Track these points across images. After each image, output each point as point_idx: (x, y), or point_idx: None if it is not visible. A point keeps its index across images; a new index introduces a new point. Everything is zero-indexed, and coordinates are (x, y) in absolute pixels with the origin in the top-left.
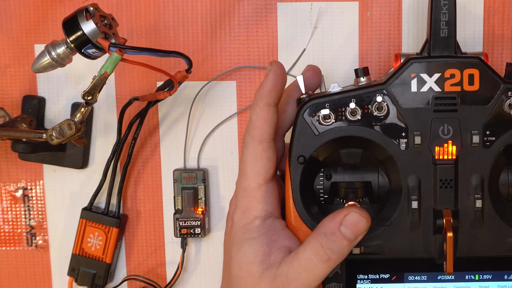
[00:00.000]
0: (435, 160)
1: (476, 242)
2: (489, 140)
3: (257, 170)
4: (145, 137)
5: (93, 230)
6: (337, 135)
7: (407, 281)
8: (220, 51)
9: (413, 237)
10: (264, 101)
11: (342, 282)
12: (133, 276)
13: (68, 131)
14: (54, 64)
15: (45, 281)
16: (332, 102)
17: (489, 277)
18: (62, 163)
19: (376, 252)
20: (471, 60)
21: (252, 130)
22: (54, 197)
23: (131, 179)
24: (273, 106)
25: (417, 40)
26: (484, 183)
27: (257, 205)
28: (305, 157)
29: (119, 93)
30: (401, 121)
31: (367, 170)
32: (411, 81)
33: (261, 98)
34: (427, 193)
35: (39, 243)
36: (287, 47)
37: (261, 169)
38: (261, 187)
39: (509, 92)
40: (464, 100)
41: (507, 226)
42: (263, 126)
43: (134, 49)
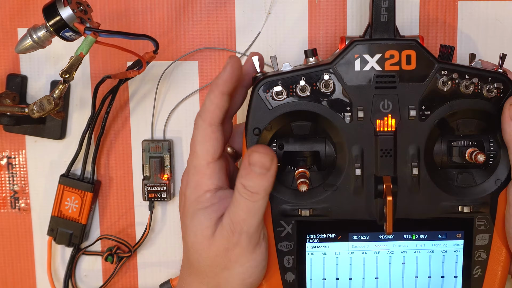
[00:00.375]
0: (376, 132)
1: (413, 205)
2: (425, 114)
3: (206, 149)
4: (116, 111)
5: (70, 195)
6: (288, 109)
7: (351, 240)
8: (183, 34)
9: (356, 201)
10: (219, 89)
11: (293, 241)
12: (106, 235)
13: (47, 105)
14: (35, 46)
15: (27, 240)
16: (284, 80)
17: (424, 236)
18: (42, 135)
19: (324, 214)
20: (408, 42)
21: (204, 113)
22: (35, 165)
23: (104, 148)
24: (226, 94)
25: (360, 24)
26: (420, 153)
27: (207, 181)
28: (259, 129)
29: (93, 72)
30: (346, 97)
31: (315, 141)
32: (355, 61)
33: (217, 87)
34: (369, 162)
35: (22, 206)
36: (244, 31)
37: (210, 148)
38: (210, 165)
39: (443, 71)
40: (402, 78)
41: (440, 191)
42: (215, 111)
43: (106, 32)
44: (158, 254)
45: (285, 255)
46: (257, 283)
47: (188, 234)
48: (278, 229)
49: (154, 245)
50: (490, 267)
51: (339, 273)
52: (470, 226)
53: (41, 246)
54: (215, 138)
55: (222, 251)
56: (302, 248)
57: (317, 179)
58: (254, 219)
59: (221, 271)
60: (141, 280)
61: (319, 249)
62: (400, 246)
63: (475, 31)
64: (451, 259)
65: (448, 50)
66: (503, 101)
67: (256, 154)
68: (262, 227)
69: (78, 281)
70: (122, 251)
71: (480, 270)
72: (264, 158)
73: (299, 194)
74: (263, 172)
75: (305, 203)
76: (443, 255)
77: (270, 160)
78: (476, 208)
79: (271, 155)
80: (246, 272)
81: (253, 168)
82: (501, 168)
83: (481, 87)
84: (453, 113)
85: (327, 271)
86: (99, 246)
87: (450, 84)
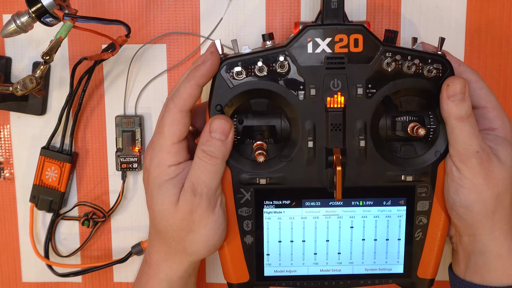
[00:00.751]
0: (327, 108)
1: (360, 174)
2: (371, 92)
3: (173, 132)
4: (92, 90)
5: (50, 165)
6: (247, 87)
7: (304, 206)
8: (153, 20)
9: (309, 171)
10: (196, 81)
11: (252, 207)
12: (82, 202)
13: (30, 84)
14: (18, 30)
15: (11, 207)
16: (243, 61)
17: (371, 203)
18: (25, 111)
19: (279, 182)
20: (356, 27)
21: (177, 99)
22: (19, 138)
23: (81, 123)
24: (200, 86)
25: (312, 10)
26: (366, 127)
27: (171, 158)
28: (221, 105)
29: (71, 54)
30: (299, 76)
31: (272, 116)
32: (308, 44)
33: (194, 78)
34: (320, 135)
35: (6, 176)
36: (207, 17)
37: (177, 131)
38: (174, 145)
39: (387, 53)
40: (350, 60)
41: (385, 162)
42: (187, 99)
43: (83, 18)
44: (130, 219)
45: (244, 219)
46: (218, 245)
47: (155, 203)
48: (238, 196)
49: (126, 211)
50: (430, 230)
51: (294, 236)
52: (412, 193)
53: (24, 212)
54: (183, 123)
55: (187, 214)
56: (260, 213)
57: (274, 151)
58: (213, 181)
59: (186, 234)
60: (115, 243)
61: (275, 214)
62: (349, 212)
63: (417, 17)
64: (395, 224)
65: (392, 34)
66: (441, 81)
67: (217, 121)
68: (220, 193)
69: (57, 244)
70: (97, 216)
71: (421, 234)
72: (224, 125)
73: (257, 164)
74: (222, 138)
75: (262, 173)
76: (387, 219)
77: (229, 126)
78: (417, 177)
79: (230, 122)
80: (209, 234)
81: (213, 134)
82: (440, 141)
83: (422, 68)
84: (396, 91)
85: (283, 234)
86: (76, 212)
87: (394, 65)
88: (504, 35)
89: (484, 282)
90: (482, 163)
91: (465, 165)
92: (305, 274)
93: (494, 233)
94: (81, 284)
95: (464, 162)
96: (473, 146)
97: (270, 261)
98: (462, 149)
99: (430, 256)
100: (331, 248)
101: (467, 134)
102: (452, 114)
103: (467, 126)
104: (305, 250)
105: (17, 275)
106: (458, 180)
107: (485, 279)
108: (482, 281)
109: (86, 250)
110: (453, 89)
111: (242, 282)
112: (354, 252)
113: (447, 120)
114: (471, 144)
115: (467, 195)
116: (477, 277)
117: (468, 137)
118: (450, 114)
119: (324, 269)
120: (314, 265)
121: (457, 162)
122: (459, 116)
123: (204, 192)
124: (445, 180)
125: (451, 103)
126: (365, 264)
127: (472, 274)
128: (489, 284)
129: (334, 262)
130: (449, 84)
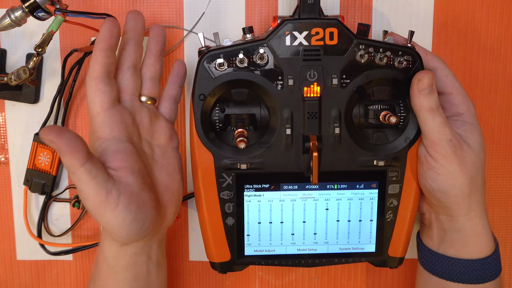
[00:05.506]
0: (304, 97)
1: (335, 160)
2: (345, 82)
3: (92, 101)
4: (82, 80)
5: (43, 150)
6: (229, 78)
7: (282, 189)
8: None
9: (287, 156)
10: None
11: (233, 190)
12: (73, 185)
13: (23, 75)
14: (13, 24)
15: (6, 190)
16: (225, 53)
17: (345, 186)
18: (19, 99)
19: (259, 167)
20: (331, 21)
21: (89, 70)
22: (13, 125)
23: (72, 111)
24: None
25: (290, 5)
26: (341, 115)
27: (98, 129)
28: (204, 95)
29: (62, 46)
30: (278, 67)
31: (252, 105)
32: (286, 37)
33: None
34: (298, 123)
35: (1, 160)
36: (190, 11)
37: (96, 99)
38: (99, 115)
39: (360, 46)
40: (326, 52)
41: (358, 148)
42: (94, 67)
43: (74, 12)
44: None
45: (226, 202)
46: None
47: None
48: (220, 180)
49: None
50: (401, 212)
51: (272, 218)
52: (384, 177)
53: (18, 194)
54: (99, 89)
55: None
56: (240, 196)
57: (254, 138)
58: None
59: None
60: None
61: (255, 197)
62: (324, 195)
63: (388, 11)
64: (367, 206)
65: (365, 28)
66: (411, 73)
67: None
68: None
69: (50, 224)
70: None
71: (392, 215)
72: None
73: (238, 150)
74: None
75: (243, 158)
76: (360, 202)
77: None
78: (388, 162)
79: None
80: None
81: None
82: (410, 128)
83: (393, 59)
84: (369, 82)
85: (262, 216)
86: (67, 194)
87: (366, 56)
88: (469, 28)
89: (457, 256)
90: (455, 150)
91: (440, 154)
92: (283, 254)
93: (470, 214)
94: (72, 262)
95: (439, 151)
96: (446, 135)
97: (250, 241)
98: (436, 139)
99: (400, 236)
100: (307, 229)
101: (439, 124)
102: (423, 106)
103: (438, 116)
104: (283, 231)
105: (12, 253)
106: (434, 169)
107: (459, 253)
108: (455, 255)
109: (76, 230)
110: (422, 83)
111: (224, 261)
112: (329, 233)
113: (418, 113)
114: (444, 133)
115: (444, 181)
116: (452, 251)
117: (441, 127)
118: (422, 107)
119: (301, 248)
120: (291, 245)
121: (432, 152)
122: (430, 108)
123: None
124: (420, 169)
125: (422, 97)
126: (340, 244)
127: (447, 248)
128: (462, 257)
129: (310, 242)
130: (420, 79)
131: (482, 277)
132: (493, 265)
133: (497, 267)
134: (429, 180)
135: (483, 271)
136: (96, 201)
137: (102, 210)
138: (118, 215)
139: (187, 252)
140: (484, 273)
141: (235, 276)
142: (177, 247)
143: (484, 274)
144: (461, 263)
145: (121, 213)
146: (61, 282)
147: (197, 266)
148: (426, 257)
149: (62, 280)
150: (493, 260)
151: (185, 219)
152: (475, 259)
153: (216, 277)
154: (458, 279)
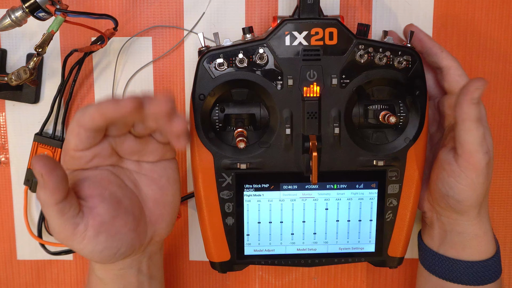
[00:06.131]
0: (304, 97)
1: (335, 159)
2: (345, 82)
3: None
4: (82, 80)
5: (43, 150)
6: (229, 78)
7: (282, 189)
8: (139, 14)
9: (287, 156)
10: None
11: (233, 190)
12: None
13: (24, 75)
14: (13, 24)
15: (7, 189)
16: (225, 53)
17: (344, 186)
18: (20, 99)
19: (259, 167)
20: (331, 21)
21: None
22: (14, 125)
23: (72, 111)
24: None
25: (289, 5)
26: (341, 115)
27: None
28: (204, 95)
29: (62, 46)
30: (277, 67)
31: (252, 105)
32: (285, 37)
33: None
34: (297, 123)
35: (2, 160)
36: (190, 11)
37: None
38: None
39: (360, 46)
40: (325, 52)
41: (358, 148)
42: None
43: (74, 12)
44: None
45: (225, 202)
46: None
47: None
48: (220, 180)
49: None
50: (400, 212)
51: (272, 218)
52: (383, 177)
53: (19, 194)
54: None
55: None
56: (240, 196)
57: (253, 138)
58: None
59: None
60: None
61: (255, 197)
62: (324, 195)
63: (387, 11)
64: (367, 205)
65: (364, 28)
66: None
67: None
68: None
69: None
70: None
71: (392, 215)
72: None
73: (238, 150)
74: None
75: (243, 158)
76: (360, 202)
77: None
78: (388, 162)
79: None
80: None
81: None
82: (409, 128)
83: (393, 59)
84: (369, 82)
85: (262, 216)
86: None
87: (366, 56)
88: (469, 28)
89: (457, 257)
90: (489, 161)
91: (472, 165)
92: (282, 253)
93: (475, 219)
94: (72, 261)
95: (472, 162)
96: (484, 147)
97: (250, 241)
98: (473, 150)
99: (399, 236)
100: (307, 229)
101: (482, 135)
102: (472, 116)
103: (481, 127)
104: (283, 231)
105: (12, 253)
106: (457, 178)
107: (460, 255)
108: (455, 256)
109: None
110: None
111: (224, 261)
112: (329, 232)
113: (463, 122)
114: (484, 145)
115: (462, 191)
116: (452, 252)
117: (482, 138)
118: (470, 115)
119: (300, 248)
120: (291, 244)
121: (463, 162)
122: (477, 118)
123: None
124: (440, 174)
125: (473, 106)
126: (339, 244)
127: (447, 249)
128: (461, 258)
129: (310, 241)
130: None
131: (482, 279)
132: (493, 268)
133: (497, 270)
134: (447, 187)
135: (482, 273)
136: (63, 235)
137: (69, 242)
138: (86, 246)
139: (187, 252)
140: (484, 275)
141: (235, 275)
142: (177, 247)
143: (484, 276)
144: (460, 264)
145: (88, 244)
146: (62, 281)
147: (197, 266)
148: (426, 257)
149: (62, 280)
150: (493, 262)
151: (185, 219)
152: (475, 261)
153: (216, 276)
154: (458, 280)
